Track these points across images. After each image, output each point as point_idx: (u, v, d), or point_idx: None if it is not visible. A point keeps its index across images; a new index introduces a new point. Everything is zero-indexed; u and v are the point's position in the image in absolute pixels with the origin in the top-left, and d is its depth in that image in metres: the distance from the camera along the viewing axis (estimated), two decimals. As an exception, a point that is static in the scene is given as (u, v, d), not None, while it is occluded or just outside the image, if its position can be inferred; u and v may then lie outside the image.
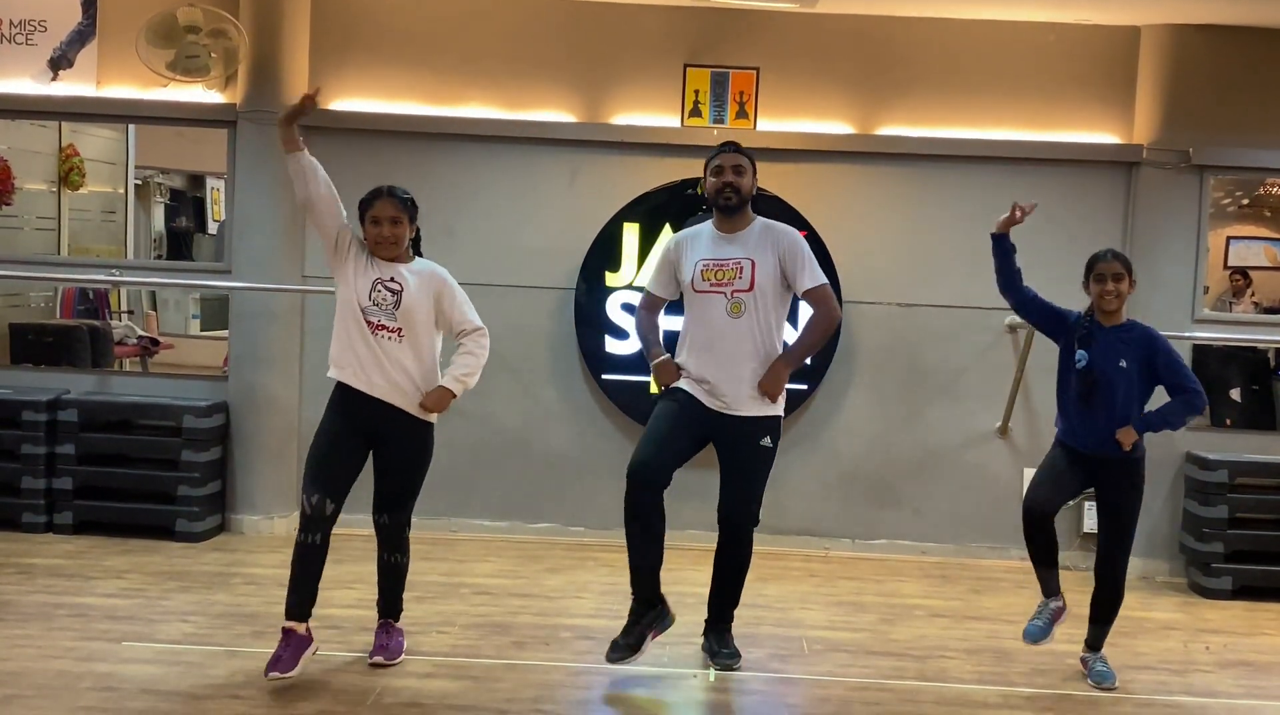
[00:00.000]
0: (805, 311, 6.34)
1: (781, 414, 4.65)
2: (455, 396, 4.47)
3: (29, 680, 4.24)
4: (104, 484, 6.35)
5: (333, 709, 4.12)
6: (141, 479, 6.35)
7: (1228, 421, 7.32)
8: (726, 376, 4.51)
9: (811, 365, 6.47)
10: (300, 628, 4.40)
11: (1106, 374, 4.56)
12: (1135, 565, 6.31)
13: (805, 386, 6.52)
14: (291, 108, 4.46)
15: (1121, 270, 4.61)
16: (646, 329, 4.79)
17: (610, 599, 5.53)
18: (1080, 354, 4.59)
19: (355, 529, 4.84)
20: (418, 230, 4.59)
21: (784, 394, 4.63)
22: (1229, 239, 9.97)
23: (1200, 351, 6.73)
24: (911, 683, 4.65)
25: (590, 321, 6.50)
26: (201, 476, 6.32)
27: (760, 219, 4.70)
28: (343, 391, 4.46)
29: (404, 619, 4.74)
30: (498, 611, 5.32)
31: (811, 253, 4.64)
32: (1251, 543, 6.13)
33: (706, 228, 4.72)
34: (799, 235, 4.71)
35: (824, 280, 4.63)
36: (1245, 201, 10.20)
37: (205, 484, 6.34)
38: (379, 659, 4.54)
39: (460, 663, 4.63)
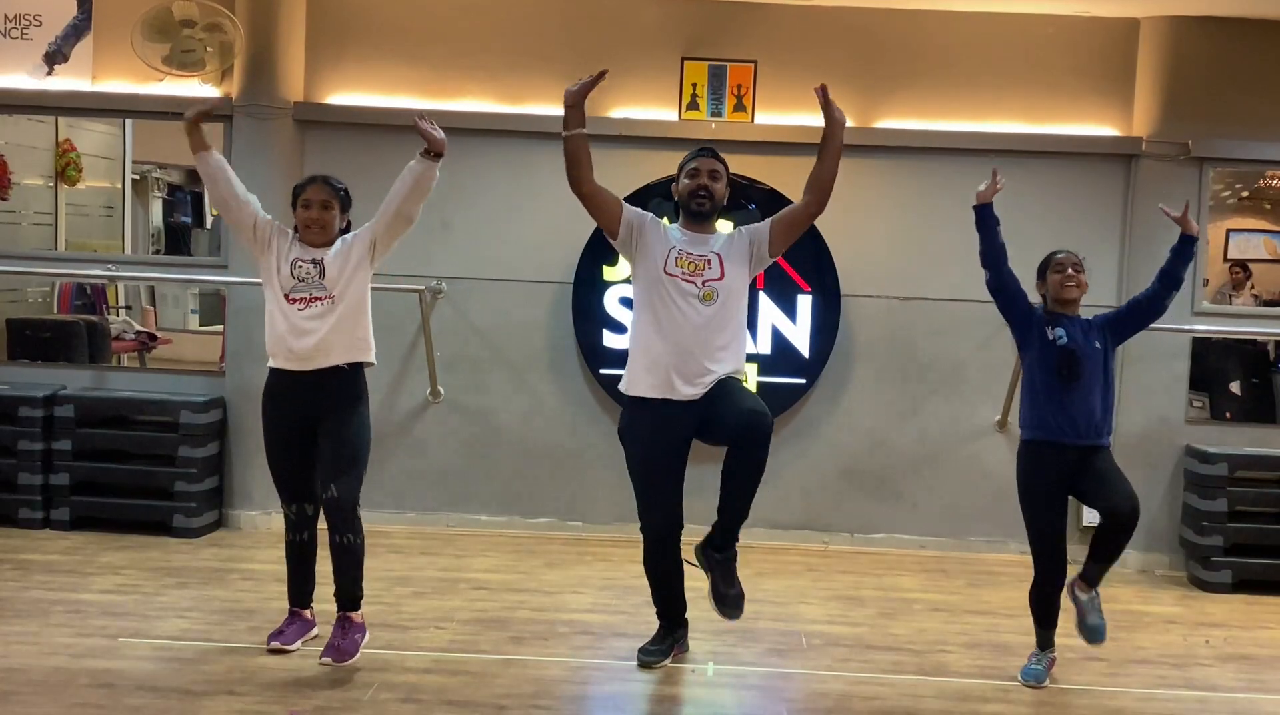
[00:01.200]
0: (804, 312, 6.44)
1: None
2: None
3: (25, 677, 4.23)
4: (101, 479, 6.35)
5: (330, 705, 4.11)
6: (138, 474, 6.34)
7: (1227, 414, 7.30)
8: (699, 355, 4.40)
9: (809, 359, 6.47)
10: (304, 612, 4.68)
11: (1086, 351, 4.50)
12: (1135, 559, 6.35)
13: (803, 380, 6.51)
14: (198, 109, 4.46)
15: (1080, 262, 4.60)
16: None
17: (608, 594, 5.53)
18: (1058, 332, 4.51)
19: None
20: (349, 223, 4.62)
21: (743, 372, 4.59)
22: (1229, 232, 9.93)
23: (1200, 344, 6.70)
24: (910, 677, 4.65)
25: (588, 316, 6.49)
26: (199, 472, 6.31)
27: (724, 227, 4.70)
28: (274, 377, 4.50)
29: (402, 614, 4.74)
30: (495, 606, 5.31)
31: None
32: (1251, 536, 6.12)
33: (675, 228, 4.65)
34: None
35: None
36: (1245, 194, 10.17)
37: (202, 479, 6.33)
38: (327, 660, 4.43)
39: (458, 658, 4.62)
